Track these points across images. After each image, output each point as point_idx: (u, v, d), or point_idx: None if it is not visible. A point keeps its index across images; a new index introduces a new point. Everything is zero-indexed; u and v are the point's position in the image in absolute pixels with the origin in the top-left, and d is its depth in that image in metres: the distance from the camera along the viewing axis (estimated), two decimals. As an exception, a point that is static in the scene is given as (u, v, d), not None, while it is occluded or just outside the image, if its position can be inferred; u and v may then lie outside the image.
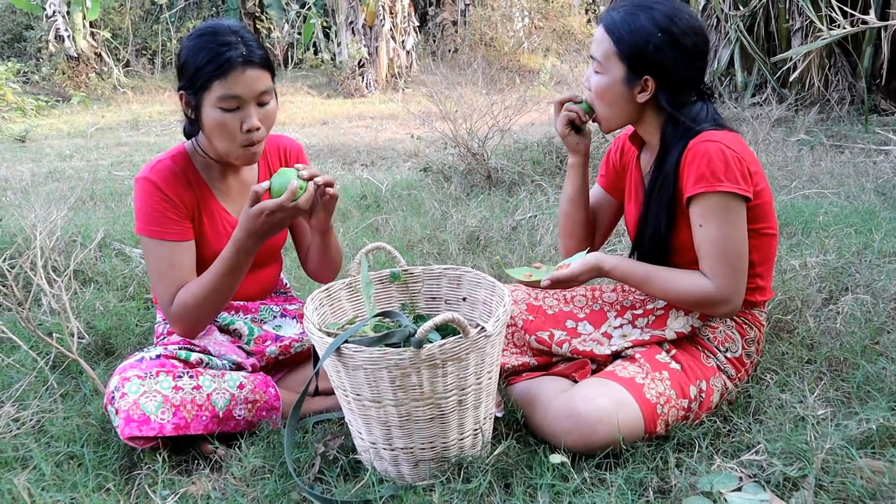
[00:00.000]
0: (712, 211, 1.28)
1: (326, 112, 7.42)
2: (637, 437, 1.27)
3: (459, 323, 1.13)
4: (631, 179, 1.54)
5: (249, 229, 1.31)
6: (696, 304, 1.33)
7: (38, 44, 9.28)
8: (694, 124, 1.34)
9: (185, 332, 1.43)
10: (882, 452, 1.21)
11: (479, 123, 3.50)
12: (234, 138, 1.37)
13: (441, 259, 2.42)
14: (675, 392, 1.32)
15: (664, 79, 1.33)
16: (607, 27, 1.35)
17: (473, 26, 10.28)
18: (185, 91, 1.38)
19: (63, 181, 4.18)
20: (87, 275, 2.33)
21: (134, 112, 7.56)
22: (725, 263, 1.29)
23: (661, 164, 1.37)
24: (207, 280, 1.37)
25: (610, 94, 1.36)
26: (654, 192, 1.38)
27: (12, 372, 1.71)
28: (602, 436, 1.24)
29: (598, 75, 1.38)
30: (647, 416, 1.27)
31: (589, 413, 1.25)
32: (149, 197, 1.41)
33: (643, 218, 1.42)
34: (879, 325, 1.67)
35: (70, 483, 1.28)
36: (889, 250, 2.09)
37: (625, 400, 1.27)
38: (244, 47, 1.34)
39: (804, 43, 4.57)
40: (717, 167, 1.27)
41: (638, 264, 1.38)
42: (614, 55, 1.33)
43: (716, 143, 1.28)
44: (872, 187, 2.93)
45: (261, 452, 1.34)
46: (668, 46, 1.30)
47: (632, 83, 1.34)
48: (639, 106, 1.37)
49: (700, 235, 1.31)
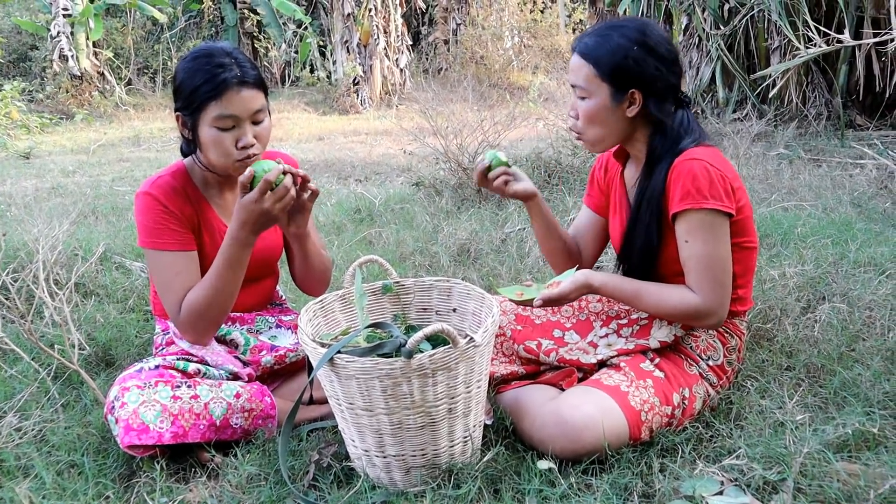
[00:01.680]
0: (698, 227, 1.32)
1: (322, 128, 7.48)
2: (622, 443, 1.30)
3: (449, 333, 1.16)
4: (615, 194, 1.57)
5: (242, 219, 1.34)
6: (684, 317, 1.37)
7: (42, 63, 9.39)
8: (680, 132, 1.38)
9: (195, 339, 1.45)
10: (858, 456, 1.24)
11: (469, 139, 3.55)
12: (230, 155, 1.41)
13: (432, 271, 2.46)
14: (658, 399, 1.35)
15: (649, 89, 1.37)
16: (583, 53, 1.39)
17: (464, 45, 10.43)
18: (182, 112, 1.42)
19: (66, 196, 4.21)
20: (88, 287, 2.36)
21: (135, 129, 7.62)
22: (711, 278, 1.33)
23: (648, 175, 1.41)
24: (208, 280, 1.40)
25: (600, 116, 1.40)
26: (642, 206, 1.41)
27: (15, 382, 1.72)
28: (588, 442, 1.27)
29: (583, 101, 1.41)
30: (631, 423, 1.30)
31: (575, 420, 1.28)
32: (150, 210, 1.44)
33: (630, 231, 1.45)
34: (855, 333, 1.71)
35: (70, 491, 1.29)
36: (864, 260, 2.14)
37: (610, 407, 1.30)
38: (238, 68, 1.38)
39: (783, 61, 4.69)
40: (702, 185, 1.31)
41: (626, 280, 1.41)
42: (596, 77, 1.37)
43: (700, 162, 1.33)
44: (849, 199, 2.99)
45: (256, 460, 1.36)
46: (647, 56, 1.35)
47: (619, 100, 1.37)
48: (629, 122, 1.41)
49: (686, 251, 1.34)
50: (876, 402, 1.41)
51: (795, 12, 4.50)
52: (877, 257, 2.15)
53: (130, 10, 9.89)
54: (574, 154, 3.76)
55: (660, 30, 1.40)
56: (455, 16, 11.11)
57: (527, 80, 9.34)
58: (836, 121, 4.62)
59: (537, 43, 10.46)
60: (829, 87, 4.81)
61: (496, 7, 10.89)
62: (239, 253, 1.39)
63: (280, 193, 1.33)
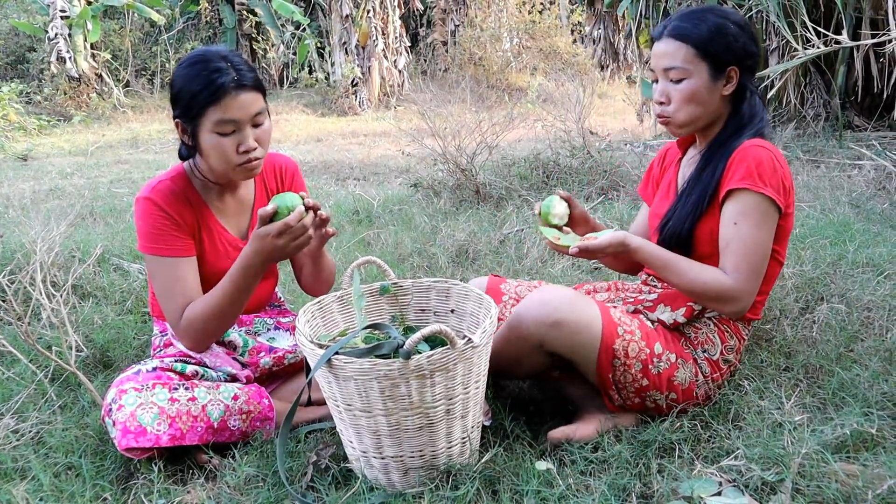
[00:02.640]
0: (752, 210, 1.33)
1: (320, 129, 7.49)
2: (593, 341, 1.34)
3: (447, 334, 1.16)
4: (666, 179, 1.59)
5: (256, 248, 1.34)
6: (711, 297, 1.37)
7: (40, 65, 9.39)
8: (756, 113, 1.42)
9: (192, 347, 1.46)
10: (856, 456, 1.24)
11: (467, 140, 3.55)
12: (231, 160, 1.40)
13: (431, 272, 2.46)
14: (640, 333, 1.38)
15: (744, 65, 1.40)
16: (679, 35, 1.40)
17: (463, 46, 10.45)
18: (182, 119, 1.41)
19: (63, 198, 4.20)
20: (85, 289, 2.36)
21: (133, 130, 7.62)
22: (750, 263, 1.33)
23: (710, 152, 1.43)
24: (214, 299, 1.40)
25: (700, 95, 1.40)
26: (700, 179, 1.42)
27: (12, 384, 1.72)
28: (561, 316, 1.32)
29: (682, 82, 1.40)
30: (605, 325, 1.35)
31: (554, 295, 1.35)
32: (150, 216, 1.43)
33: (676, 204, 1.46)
34: (853, 334, 1.71)
35: (68, 493, 1.29)
36: (862, 261, 2.14)
37: (588, 303, 1.36)
38: (234, 72, 1.36)
39: (781, 62, 4.70)
40: (765, 171, 1.33)
41: (661, 249, 1.41)
42: (695, 57, 1.39)
43: (767, 151, 1.35)
44: (847, 200, 2.99)
45: (254, 461, 1.36)
46: (742, 33, 1.39)
47: (717, 78, 1.40)
48: (723, 101, 1.43)
49: (732, 232, 1.35)
50: (874, 403, 1.41)
51: (794, 13, 4.51)
52: (875, 258, 2.16)
53: (128, 12, 9.89)
54: (572, 155, 3.76)
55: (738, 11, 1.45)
56: (453, 17, 11.12)
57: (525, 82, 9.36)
58: (835, 122, 4.63)
59: (536, 44, 10.48)
60: (828, 88, 4.82)
61: (495, 8, 10.91)
62: (249, 279, 1.39)
63: (297, 233, 1.34)
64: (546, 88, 7.24)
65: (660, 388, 1.39)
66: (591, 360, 1.36)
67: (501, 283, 1.63)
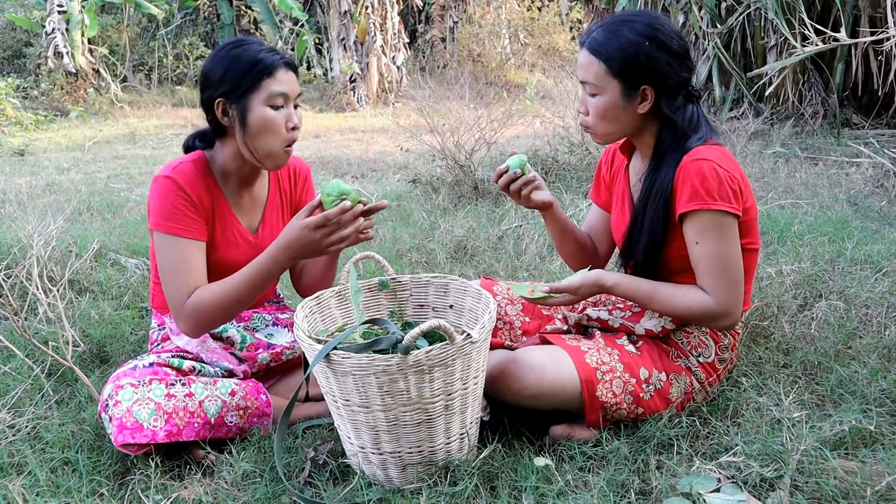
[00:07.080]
0: (708, 228, 1.31)
1: (319, 126, 7.47)
2: (573, 394, 1.33)
3: (446, 330, 1.16)
4: (618, 188, 1.56)
5: (289, 240, 1.32)
6: (699, 318, 1.36)
7: (37, 60, 9.34)
8: (689, 128, 1.37)
9: (191, 332, 1.43)
10: (854, 453, 1.25)
11: (466, 136, 3.55)
12: (280, 136, 1.42)
13: (429, 268, 2.45)
14: (622, 366, 1.36)
15: (661, 85, 1.34)
16: (593, 49, 1.36)
17: (461, 43, 10.43)
18: (226, 97, 1.40)
19: (60, 193, 4.19)
20: (82, 284, 2.35)
21: (131, 126, 7.59)
22: (724, 278, 1.32)
23: (655, 171, 1.39)
24: (228, 287, 1.38)
25: (612, 112, 1.37)
26: (648, 201, 1.39)
27: (8, 379, 1.71)
28: (531, 382, 1.32)
29: (594, 98, 1.37)
30: (583, 376, 1.32)
31: (524, 360, 1.34)
32: (168, 193, 1.41)
33: (634, 227, 1.43)
34: (852, 331, 1.72)
35: (64, 488, 1.29)
36: (861, 258, 2.15)
37: (561, 358, 1.35)
38: (277, 54, 1.43)
39: (779, 59, 4.70)
40: (711, 186, 1.29)
41: (639, 281, 1.39)
42: (607, 74, 1.34)
43: (709, 162, 1.31)
44: (845, 198, 3.00)
45: (252, 457, 1.35)
46: (658, 52, 1.32)
47: (631, 96, 1.35)
48: (640, 117, 1.38)
49: (697, 252, 1.33)
50: (872, 400, 1.41)
51: (792, 11, 4.51)
52: (873, 255, 2.16)
53: (126, 7, 9.85)
54: (571, 152, 3.76)
55: (670, 23, 1.38)
56: (452, 13, 11.10)
57: (524, 78, 9.35)
58: (833, 119, 4.64)
59: (534, 41, 10.47)
60: (826, 86, 4.82)
61: (494, 5, 10.89)
62: (274, 273, 1.37)
63: (334, 229, 1.31)
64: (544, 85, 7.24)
65: (657, 409, 1.39)
66: (580, 409, 1.36)
67: (493, 284, 1.62)
